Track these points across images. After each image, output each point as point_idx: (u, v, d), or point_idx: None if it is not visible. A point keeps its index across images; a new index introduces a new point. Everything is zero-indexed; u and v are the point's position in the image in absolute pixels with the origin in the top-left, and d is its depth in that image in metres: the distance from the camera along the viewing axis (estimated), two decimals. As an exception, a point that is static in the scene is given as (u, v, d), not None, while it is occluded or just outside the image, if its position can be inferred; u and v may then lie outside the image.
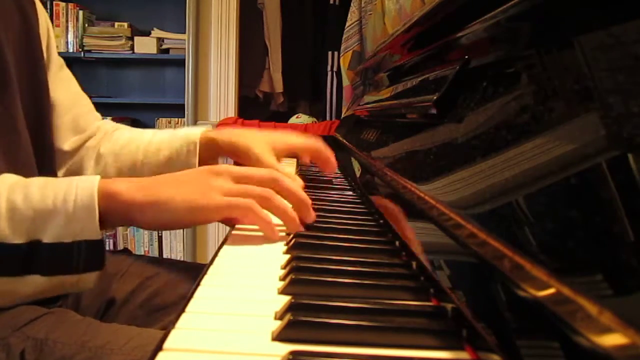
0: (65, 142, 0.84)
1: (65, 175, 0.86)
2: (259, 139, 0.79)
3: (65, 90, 0.84)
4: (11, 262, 0.45)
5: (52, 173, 0.81)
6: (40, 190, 0.47)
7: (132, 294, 0.82)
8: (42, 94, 0.77)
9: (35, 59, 0.76)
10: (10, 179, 0.49)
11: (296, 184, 0.62)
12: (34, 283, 0.46)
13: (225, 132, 0.82)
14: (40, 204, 0.46)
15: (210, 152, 0.81)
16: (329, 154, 0.85)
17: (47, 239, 0.46)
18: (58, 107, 0.82)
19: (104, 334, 0.64)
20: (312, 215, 0.62)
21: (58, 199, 0.46)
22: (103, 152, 0.87)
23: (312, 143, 0.85)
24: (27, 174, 0.59)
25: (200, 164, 0.81)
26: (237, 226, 0.63)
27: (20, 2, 0.74)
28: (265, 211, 0.55)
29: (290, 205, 0.59)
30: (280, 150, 0.81)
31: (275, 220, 0.58)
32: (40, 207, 0.46)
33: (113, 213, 0.50)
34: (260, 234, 0.58)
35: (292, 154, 0.86)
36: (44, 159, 0.78)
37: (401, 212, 0.59)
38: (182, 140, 0.82)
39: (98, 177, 0.50)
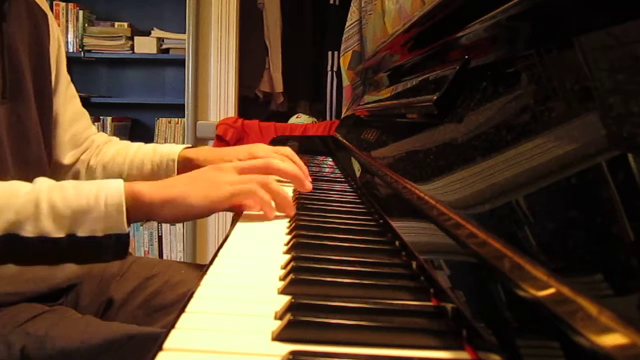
0: (65, 156, 0.92)
1: None
2: (228, 155, 0.93)
3: (70, 107, 0.92)
4: (52, 253, 0.52)
5: None
6: (75, 191, 0.54)
7: (131, 295, 0.82)
8: (48, 109, 0.82)
9: (44, 75, 0.81)
10: (46, 182, 0.56)
11: (288, 163, 0.74)
12: (69, 269, 0.54)
13: (200, 150, 0.94)
14: (76, 203, 0.53)
15: (186, 169, 0.91)
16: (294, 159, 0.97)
17: (81, 233, 0.52)
18: (62, 124, 0.90)
19: (104, 331, 0.64)
20: (307, 186, 0.76)
21: (91, 199, 0.54)
22: (92, 165, 0.96)
23: (275, 150, 1.00)
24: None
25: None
26: (236, 226, 0.63)
27: (33, 16, 0.79)
28: (265, 193, 0.65)
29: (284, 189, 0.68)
30: (244, 159, 0.95)
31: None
32: (76, 206, 0.53)
33: (137, 210, 0.57)
34: (259, 235, 0.59)
35: None
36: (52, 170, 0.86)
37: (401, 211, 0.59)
38: (163, 157, 0.93)
39: (122, 180, 0.58)
